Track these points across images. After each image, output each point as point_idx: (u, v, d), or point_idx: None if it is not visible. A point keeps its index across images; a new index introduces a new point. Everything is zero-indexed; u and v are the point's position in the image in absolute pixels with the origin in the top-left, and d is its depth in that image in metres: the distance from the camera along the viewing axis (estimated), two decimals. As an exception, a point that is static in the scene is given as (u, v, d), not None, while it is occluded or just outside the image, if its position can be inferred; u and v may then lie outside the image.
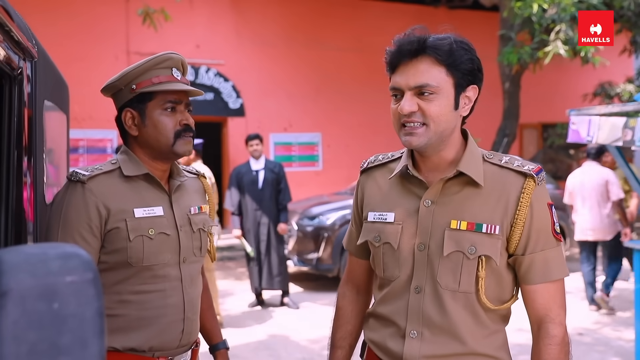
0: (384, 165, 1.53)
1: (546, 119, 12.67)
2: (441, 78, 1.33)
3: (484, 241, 1.33)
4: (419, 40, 1.33)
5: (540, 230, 1.36)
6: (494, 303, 1.37)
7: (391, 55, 1.37)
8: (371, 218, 1.48)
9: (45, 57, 1.62)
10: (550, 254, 1.37)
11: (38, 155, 1.51)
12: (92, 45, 9.67)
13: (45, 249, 0.68)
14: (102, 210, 1.52)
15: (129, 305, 1.55)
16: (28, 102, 1.37)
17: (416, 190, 1.41)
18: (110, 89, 1.63)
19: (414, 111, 1.33)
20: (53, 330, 0.64)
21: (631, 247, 4.25)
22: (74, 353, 0.65)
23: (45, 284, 0.65)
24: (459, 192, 1.38)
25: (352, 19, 11.49)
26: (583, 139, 3.72)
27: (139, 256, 1.54)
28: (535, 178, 1.35)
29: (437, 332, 1.36)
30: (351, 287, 1.63)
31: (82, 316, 0.66)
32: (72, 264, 0.67)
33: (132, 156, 1.62)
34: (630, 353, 4.49)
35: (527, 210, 1.34)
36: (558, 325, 1.38)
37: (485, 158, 1.41)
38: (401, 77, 1.34)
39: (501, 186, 1.36)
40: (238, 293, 6.80)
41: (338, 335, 1.61)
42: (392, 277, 1.43)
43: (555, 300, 1.39)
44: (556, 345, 1.36)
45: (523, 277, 1.38)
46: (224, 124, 11.11)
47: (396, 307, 1.41)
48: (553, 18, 7.83)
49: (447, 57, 1.32)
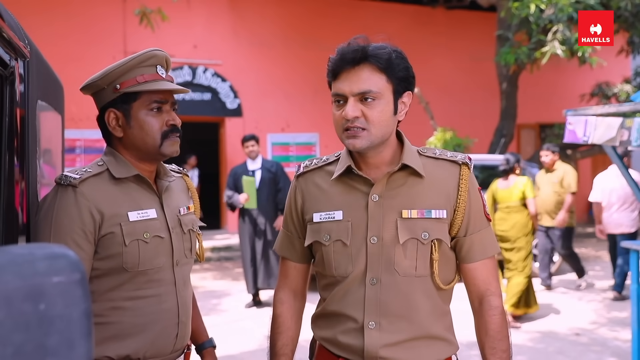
0: (321, 168, 1.58)
1: (544, 119, 12.68)
2: (382, 85, 1.41)
3: (435, 226, 1.45)
4: (362, 48, 1.41)
5: (476, 212, 1.50)
6: (444, 283, 1.49)
7: (334, 63, 1.44)
8: (317, 219, 1.51)
9: (38, 56, 1.61)
10: (485, 233, 1.52)
11: (31, 155, 1.50)
12: (89, 45, 9.66)
13: (32, 250, 0.68)
14: (95, 215, 1.46)
15: (123, 311, 1.50)
16: (20, 102, 1.36)
17: (361, 187, 1.48)
18: (91, 87, 1.56)
19: (358, 116, 1.40)
20: (39, 331, 0.64)
21: (628, 246, 4.25)
22: (61, 354, 0.65)
23: (32, 285, 0.64)
24: (403, 184, 1.47)
25: (350, 19, 11.48)
26: (579, 139, 3.72)
27: (135, 261, 1.49)
28: (469, 165, 1.50)
29: (394, 319, 1.44)
30: (288, 292, 1.64)
31: (69, 317, 0.66)
32: (59, 265, 0.66)
33: (119, 157, 1.57)
34: (627, 353, 4.49)
35: (466, 195, 1.48)
36: (498, 296, 1.51)
37: (421, 153, 1.52)
38: (344, 83, 1.42)
39: (440, 175, 1.48)
40: (235, 293, 6.79)
41: (280, 342, 1.61)
42: (345, 273, 1.47)
43: (492, 275, 1.53)
44: (499, 315, 1.50)
45: (465, 257, 1.51)
46: (222, 124, 11.10)
47: (350, 302, 1.46)
48: (550, 18, 7.84)
49: (386, 65, 1.41)
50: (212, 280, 7.75)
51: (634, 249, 4.10)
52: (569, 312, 5.94)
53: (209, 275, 8.06)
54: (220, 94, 10.82)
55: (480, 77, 11.92)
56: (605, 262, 8.73)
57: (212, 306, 6.26)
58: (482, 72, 11.64)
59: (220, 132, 11.27)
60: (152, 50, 1.57)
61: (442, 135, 8.93)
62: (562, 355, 4.61)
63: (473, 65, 12.03)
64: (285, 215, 1.63)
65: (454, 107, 11.78)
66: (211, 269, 8.49)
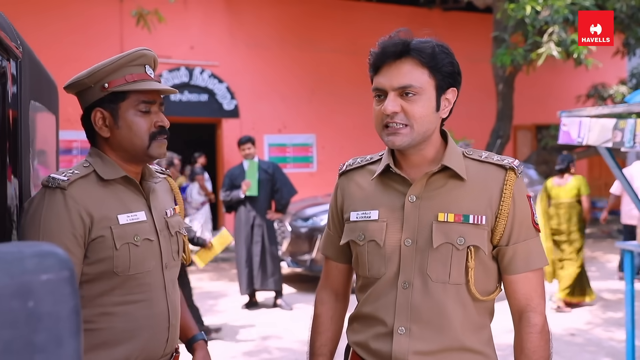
0: (363, 167, 1.54)
1: (540, 120, 12.70)
2: (424, 80, 1.35)
3: (472, 232, 1.37)
4: (403, 42, 1.35)
5: (522, 221, 1.40)
6: (482, 294, 1.40)
7: (375, 57, 1.38)
8: (354, 217, 1.48)
9: (31, 57, 1.61)
10: (532, 244, 1.42)
11: (24, 155, 1.50)
12: (86, 46, 9.64)
13: (21, 247, 0.68)
14: (85, 218, 1.41)
15: (114, 317, 1.45)
16: (12, 103, 1.37)
17: (399, 187, 1.43)
18: (76, 86, 1.50)
19: (397, 112, 1.35)
20: (28, 328, 0.64)
21: (621, 247, 4.26)
22: (50, 351, 0.65)
23: (21, 282, 0.65)
24: (442, 186, 1.40)
25: (346, 21, 11.49)
26: (574, 140, 3.73)
27: (126, 265, 1.45)
28: (516, 170, 1.40)
29: (425, 327, 1.37)
30: (329, 293, 1.62)
31: (57, 314, 0.66)
32: (48, 263, 0.67)
33: (105, 158, 1.51)
34: (622, 353, 4.50)
35: (510, 201, 1.38)
36: (539, 314, 1.41)
37: (466, 154, 1.45)
38: (385, 78, 1.37)
39: (483, 179, 1.40)
40: (232, 294, 6.79)
41: (318, 342, 1.59)
42: (378, 274, 1.42)
43: (536, 290, 1.42)
44: (537, 334, 1.39)
45: (506, 268, 1.42)
46: (219, 125, 11.10)
47: (382, 305, 1.41)
48: (546, 20, 7.87)
49: (429, 60, 1.35)
50: (208, 281, 7.75)
51: (627, 249, 4.12)
52: (564, 313, 5.96)
53: (205, 276, 8.06)
54: (217, 95, 10.81)
55: (477, 79, 11.93)
56: (601, 263, 8.76)
57: (209, 307, 6.26)
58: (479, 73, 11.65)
59: (217, 133, 11.26)
60: (141, 50, 1.53)
61: (439, 137, 8.92)
62: (557, 356, 4.62)
63: (469, 66, 11.97)
64: (328, 214, 1.61)
65: (450, 108, 11.79)
66: (208, 270, 8.49)
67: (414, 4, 12.00)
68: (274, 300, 6.25)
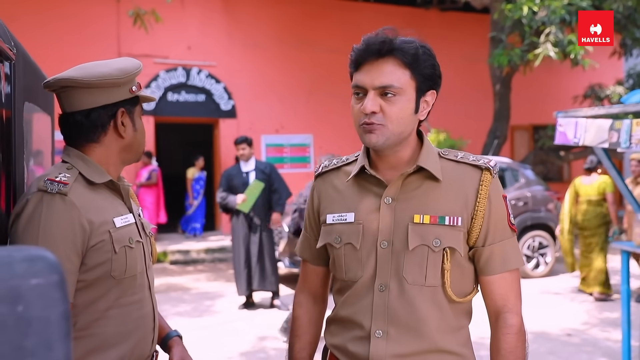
0: (339, 168, 1.53)
1: (537, 120, 12.73)
2: (405, 80, 1.34)
3: (448, 233, 1.35)
4: (387, 40, 1.33)
5: (497, 221, 1.39)
6: (459, 296, 1.39)
7: (357, 53, 1.37)
8: (330, 220, 1.46)
9: (26, 58, 1.61)
10: (508, 245, 1.41)
11: (18, 156, 1.49)
12: (83, 46, 9.63)
13: (10, 252, 0.68)
14: (85, 226, 1.38)
15: (107, 321, 1.45)
16: (6, 103, 1.36)
17: (375, 189, 1.42)
18: (105, 83, 1.46)
19: (376, 112, 1.34)
20: (18, 333, 0.64)
21: (619, 247, 4.27)
22: (39, 355, 0.65)
23: (10, 287, 0.64)
24: (418, 187, 1.39)
25: (344, 21, 11.50)
26: (570, 140, 3.74)
27: (122, 268, 1.45)
28: (492, 170, 1.39)
29: (403, 330, 1.36)
30: (307, 296, 1.61)
31: (47, 319, 0.66)
32: (38, 267, 0.66)
33: (89, 161, 1.48)
34: (618, 353, 4.51)
35: (486, 202, 1.37)
36: (515, 314, 1.40)
37: (442, 155, 1.44)
38: (366, 76, 1.35)
39: (459, 180, 1.39)
40: (228, 295, 6.78)
41: (297, 346, 1.58)
42: (355, 277, 1.41)
43: (512, 290, 1.41)
44: (514, 334, 1.39)
45: (482, 269, 1.41)
46: (216, 126, 11.10)
47: (360, 308, 1.40)
48: (543, 20, 7.88)
49: (412, 61, 1.34)
50: (205, 281, 7.74)
51: (624, 249, 4.12)
52: (560, 313, 5.97)
53: (202, 276, 8.05)
54: (214, 96, 10.81)
55: (474, 79, 11.97)
56: (598, 263, 8.77)
57: (206, 307, 6.26)
58: (476, 73, 11.68)
59: (214, 134, 11.26)
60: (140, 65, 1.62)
61: (436, 137, 8.95)
62: (553, 356, 4.63)
63: (466, 66, 12.06)
64: (305, 216, 1.60)
65: (447, 108, 11.81)
66: (205, 271, 8.48)
67: (412, 4, 12.02)
68: (271, 300, 6.25)
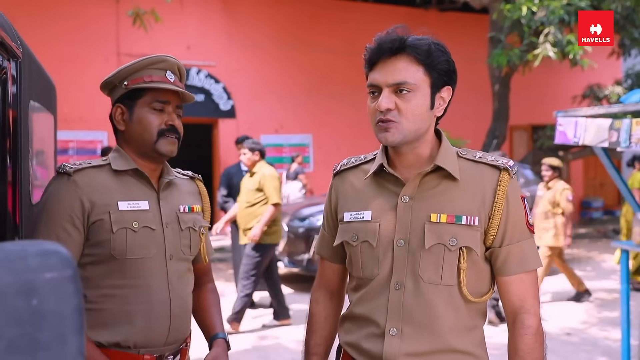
0: (357, 167, 1.54)
1: (536, 120, 12.74)
2: (419, 77, 1.34)
3: (464, 233, 1.35)
4: (399, 38, 1.34)
5: (515, 222, 1.39)
6: (474, 296, 1.39)
7: (371, 52, 1.38)
8: (347, 218, 1.47)
9: (30, 57, 1.62)
10: (525, 245, 1.40)
11: (23, 155, 1.51)
12: (82, 46, 9.63)
13: (25, 246, 0.69)
14: (85, 203, 1.54)
15: (113, 299, 1.55)
16: (13, 103, 1.37)
17: (392, 187, 1.42)
18: (106, 85, 1.66)
19: (391, 108, 1.34)
20: (32, 326, 0.65)
21: (618, 246, 4.28)
22: (53, 349, 0.66)
23: (25, 281, 0.65)
24: (436, 186, 1.39)
25: (343, 21, 11.51)
26: (570, 140, 3.75)
27: (122, 248, 1.54)
28: (510, 171, 1.39)
29: (417, 328, 1.36)
30: (324, 293, 1.62)
31: (61, 312, 0.67)
32: (52, 261, 0.68)
33: (122, 153, 1.65)
34: (617, 352, 4.52)
35: (504, 202, 1.37)
36: (533, 315, 1.40)
37: (460, 154, 1.44)
38: (380, 74, 1.36)
39: (477, 179, 1.39)
40: (228, 294, 6.78)
41: (313, 342, 1.60)
42: (371, 275, 1.42)
43: (529, 291, 1.41)
44: (532, 335, 1.38)
45: (499, 269, 1.40)
46: (215, 126, 11.10)
47: (375, 306, 1.40)
48: (542, 21, 7.89)
49: (425, 57, 1.34)
50: (205, 281, 7.74)
51: (623, 248, 4.14)
52: (560, 312, 5.98)
53: (202, 276, 8.05)
54: (213, 96, 10.81)
55: (473, 79, 11.95)
56: (596, 263, 8.79)
57: (205, 307, 6.26)
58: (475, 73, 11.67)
59: (213, 134, 11.26)
60: (164, 56, 1.65)
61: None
62: (553, 355, 4.64)
63: (465, 66, 12.00)
64: (323, 215, 1.61)
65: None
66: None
67: (411, 4, 12.03)
68: (271, 300, 6.24)
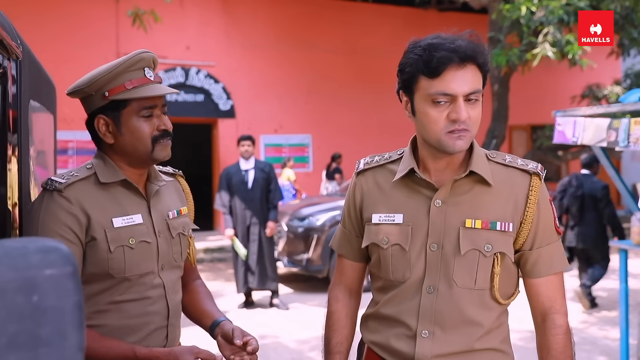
0: (383, 166, 1.53)
1: (535, 120, 12.75)
2: (481, 84, 1.36)
3: (499, 239, 1.37)
4: (473, 47, 1.33)
5: (546, 226, 1.42)
6: (504, 298, 1.42)
7: (439, 59, 1.31)
8: (376, 220, 1.47)
9: (30, 57, 1.62)
10: (554, 248, 1.43)
11: (24, 155, 1.51)
12: (81, 46, 9.64)
13: (25, 243, 0.69)
14: (81, 219, 1.44)
15: (108, 314, 1.48)
16: (13, 102, 1.38)
17: (424, 191, 1.42)
18: (78, 93, 1.51)
19: (469, 117, 1.34)
20: (33, 322, 0.65)
21: (616, 246, 4.29)
22: (54, 344, 0.66)
23: (25, 277, 0.66)
24: (469, 191, 1.40)
25: (342, 21, 11.51)
26: (569, 139, 3.76)
27: (121, 267, 1.47)
28: (540, 175, 1.41)
29: (449, 330, 1.38)
30: (343, 290, 1.62)
31: (61, 308, 0.67)
32: (52, 258, 0.68)
33: (107, 161, 1.53)
34: (616, 352, 4.53)
35: (535, 207, 1.39)
36: (563, 315, 1.43)
37: (489, 157, 1.44)
38: (453, 83, 1.32)
39: (509, 185, 1.40)
40: (228, 294, 6.79)
41: (335, 340, 1.59)
42: (402, 278, 1.42)
43: (559, 292, 1.44)
44: (563, 335, 1.42)
45: (530, 272, 1.43)
46: (215, 126, 11.10)
47: (406, 308, 1.42)
48: (541, 20, 7.89)
49: (486, 66, 1.36)
50: (204, 281, 7.72)
51: (622, 248, 4.14)
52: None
53: (202, 276, 8.03)
54: (213, 95, 10.82)
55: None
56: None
57: (205, 307, 6.26)
58: (474, 73, 11.69)
59: (213, 134, 11.27)
60: (140, 53, 1.50)
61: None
62: (552, 354, 4.64)
63: (465, 67, 12.08)
64: (343, 212, 1.59)
65: (446, 108, 11.85)
66: (204, 270, 8.49)
67: (410, 4, 12.03)
68: (270, 299, 6.26)
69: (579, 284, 6.23)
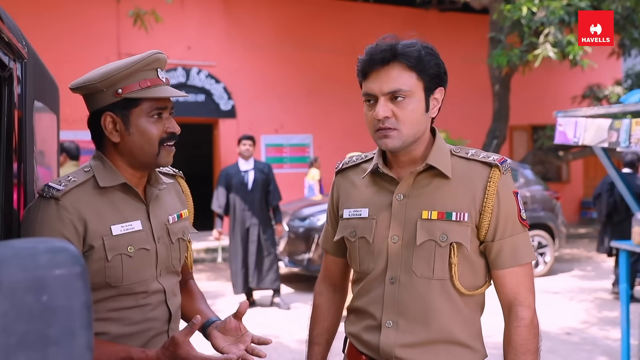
0: (358, 165, 1.61)
1: (536, 120, 12.75)
2: (412, 83, 1.39)
3: (454, 229, 1.41)
4: (390, 48, 1.39)
5: (507, 216, 1.43)
6: (469, 289, 1.44)
7: (363, 63, 1.42)
8: (346, 215, 1.55)
9: (35, 58, 1.63)
10: (518, 240, 1.44)
11: (28, 156, 1.51)
12: (83, 47, 9.65)
13: (34, 243, 0.70)
14: (79, 228, 1.39)
15: (109, 322, 1.45)
16: (18, 103, 1.38)
17: (388, 186, 1.49)
18: (86, 88, 1.45)
19: (389, 116, 1.39)
20: (42, 321, 0.66)
21: (617, 246, 4.30)
22: (63, 344, 0.67)
23: (35, 277, 0.66)
24: (428, 184, 1.45)
25: (343, 21, 11.52)
26: (570, 140, 3.76)
27: (119, 275, 1.43)
28: (500, 167, 1.43)
29: (412, 321, 1.42)
30: (327, 285, 1.71)
31: (70, 308, 0.68)
32: (61, 258, 0.69)
33: (107, 163, 1.48)
34: (617, 352, 4.54)
35: (494, 198, 1.41)
36: (526, 307, 1.43)
37: (453, 152, 1.49)
38: (374, 83, 1.40)
39: (469, 177, 1.44)
40: (228, 294, 6.79)
41: (315, 332, 1.68)
42: (368, 270, 1.49)
43: (523, 284, 1.45)
44: (525, 327, 1.42)
45: (493, 263, 1.45)
46: (215, 126, 11.11)
47: (372, 299, 1.48)
48: (542, 21, 7.90)
49: (416, 63, 1.39)
50: (205, 281, 7.76)
51: (622, 248, 4.15)
52: (560, 312, 5.99)
53: (202, 276, 8.07)
54: (214, 96, 10.83)
55: (473, 79, 11.98)
56: (596, 263, 8.80)
57: (206, 307, 6.27)
58: (475, 74, 11.70)
59: (213, 134, 11.27)
60: (155, 54, 1.48)
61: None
62: (553, 354, 4.65)
63: (466, 67, 12.08)
64: (327, 210, 1.68)
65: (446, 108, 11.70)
66: (205, 270, 8.50)
67: (411, 4, 12.04)
68: (272, 298, 6.27)
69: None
